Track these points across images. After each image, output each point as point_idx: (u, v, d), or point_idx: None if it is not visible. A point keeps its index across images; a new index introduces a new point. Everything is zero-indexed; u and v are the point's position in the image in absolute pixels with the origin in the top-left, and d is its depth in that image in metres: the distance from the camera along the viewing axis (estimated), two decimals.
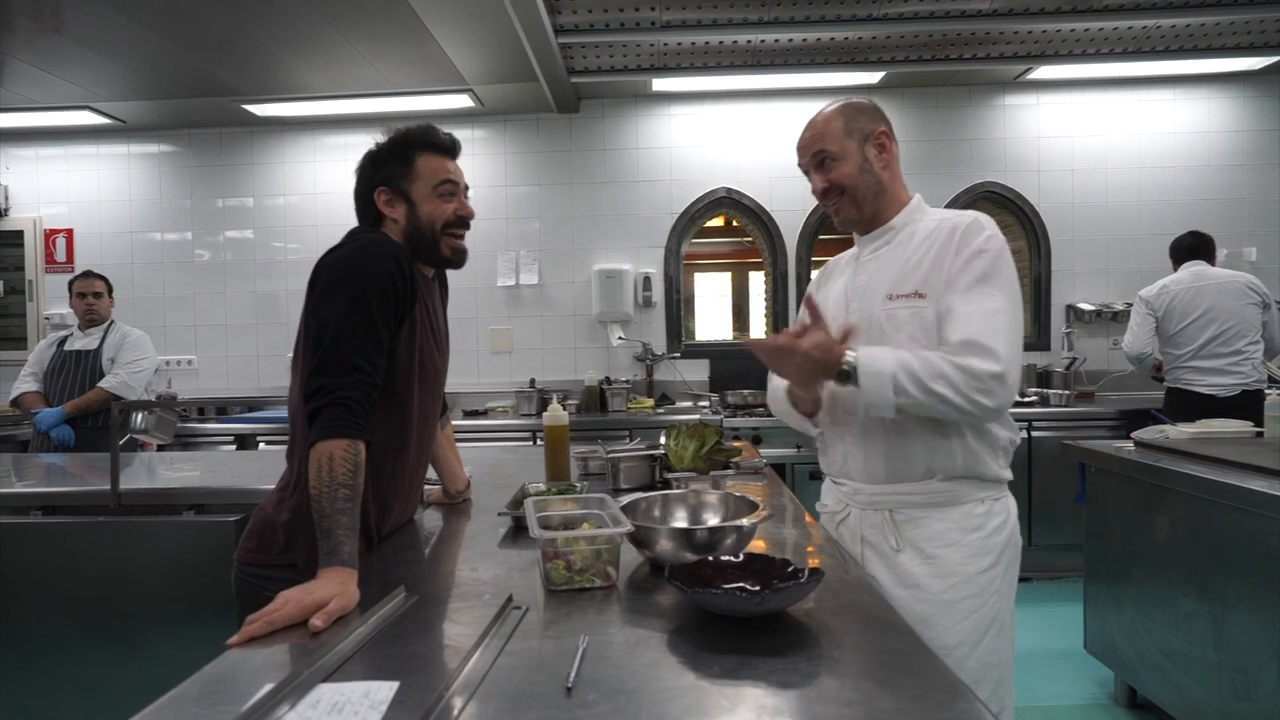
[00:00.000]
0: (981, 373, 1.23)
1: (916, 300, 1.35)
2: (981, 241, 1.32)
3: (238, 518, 2.01)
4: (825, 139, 1.43)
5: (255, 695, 0.77)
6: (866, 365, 1.27)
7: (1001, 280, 1.30)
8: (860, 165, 1.42)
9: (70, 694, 2.04)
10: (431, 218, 1.40)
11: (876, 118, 1.45)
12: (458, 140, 1.47)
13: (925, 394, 1.25)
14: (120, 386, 3.37)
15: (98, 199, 4.66)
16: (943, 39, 3.71)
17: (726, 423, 3.82)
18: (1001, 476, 1.39)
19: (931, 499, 1.37)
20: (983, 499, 1.37)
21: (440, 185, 1.41)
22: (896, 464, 1.39)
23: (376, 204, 1.41)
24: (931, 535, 1.36)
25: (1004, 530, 1.38)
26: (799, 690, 0.81)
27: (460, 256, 1.46)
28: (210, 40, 3.34)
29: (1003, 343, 1.25)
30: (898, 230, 1.45)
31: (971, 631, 1.32)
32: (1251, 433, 2.55)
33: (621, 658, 0.89)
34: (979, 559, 1.35)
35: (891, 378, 1.25)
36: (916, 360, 1.26)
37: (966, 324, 1.27)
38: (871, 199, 1.44)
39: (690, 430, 1.89)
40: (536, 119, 4.51)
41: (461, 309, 4.52)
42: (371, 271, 1.28)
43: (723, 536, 1.19)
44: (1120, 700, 2.57)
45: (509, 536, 1.47)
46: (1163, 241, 4.39)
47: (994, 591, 1.35)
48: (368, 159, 1.43)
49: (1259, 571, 1.90)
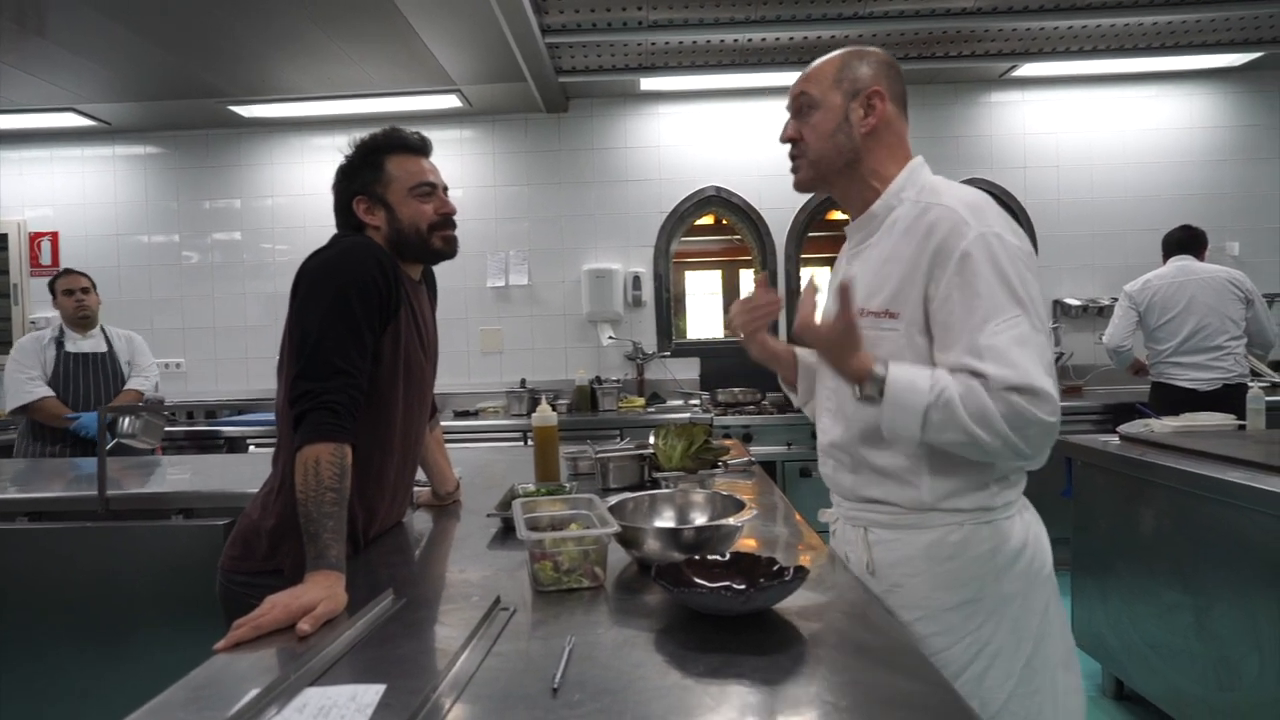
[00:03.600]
0: (1038, 421, 1.02)
1: (888, 320, 1.15)
2: (971, 245, 1.08)
3: (226, 521, 2.00)
4: (811, 80, 1.23)
5: (241, 700, 0.78)
6: (900, 391, 1.08)
7: (1015, 294, 1.07)
8: (837, 125, 1.19)
9: (59, 699, 2.04)
10: (414, 219, 1.40)
11: (879, 72, 1.20)
12: (427, 139, 1.47)
13: (962, 435, 1.05)
14: (151, 388, 3.42)
15: (83, 201, 4.63)
16: (928, 37, 3.73)
17: (717, 421, 3.83)
18: (985, 505, 1.15)
19: (901, 520, 1.19)
20: (960, 524, 1.15)
21: (417, 188, 1.41)
22: (862, 486, 1.23)
23: (357, 214, 1.41)
24: (899, 560, 1.18)
25: (990, 561, 1.14)
26: (783, 688, 0.82)
27: (453, 246, 1.46)
28: (195, 42, 3.32)
29: (1048, 379, 1.04)
30: (880, 219, 1.22)
31: (946, 667, 1.10)
32: (1234, 426, 2.58)
33: (608, 658, 0.90)
34: (947, 593, 1.14)
35: (924, 411, 1.06)
36: (961, 394, 1.04)
37: (1000, 360, 1.03)
38: (839, 168, 1.22)
39: (678, 429, 1.89)
40: (525, 119, 4.51)
41: (451, 309, 4.51)
42: (353, 275, 1.28)
43: (709, 536, 1.20)
44: (1108, 692, 2.60)
45: (498, 538, 1.48)
46: (1147, 237, 4.43)
47: (970, 632, 1.12)
48: (340, 172, 1.43)
49: (1240, 563, 1.92)
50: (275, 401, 1.38)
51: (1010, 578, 1.15)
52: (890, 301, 1.15)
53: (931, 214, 1.13)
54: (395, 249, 1.41)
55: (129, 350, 3.45)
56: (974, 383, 1.04)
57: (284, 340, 1.33)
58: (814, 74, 1.23)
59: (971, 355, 1.06)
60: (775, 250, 4.50)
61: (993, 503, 1.16)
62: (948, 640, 1.14)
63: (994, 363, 1.04)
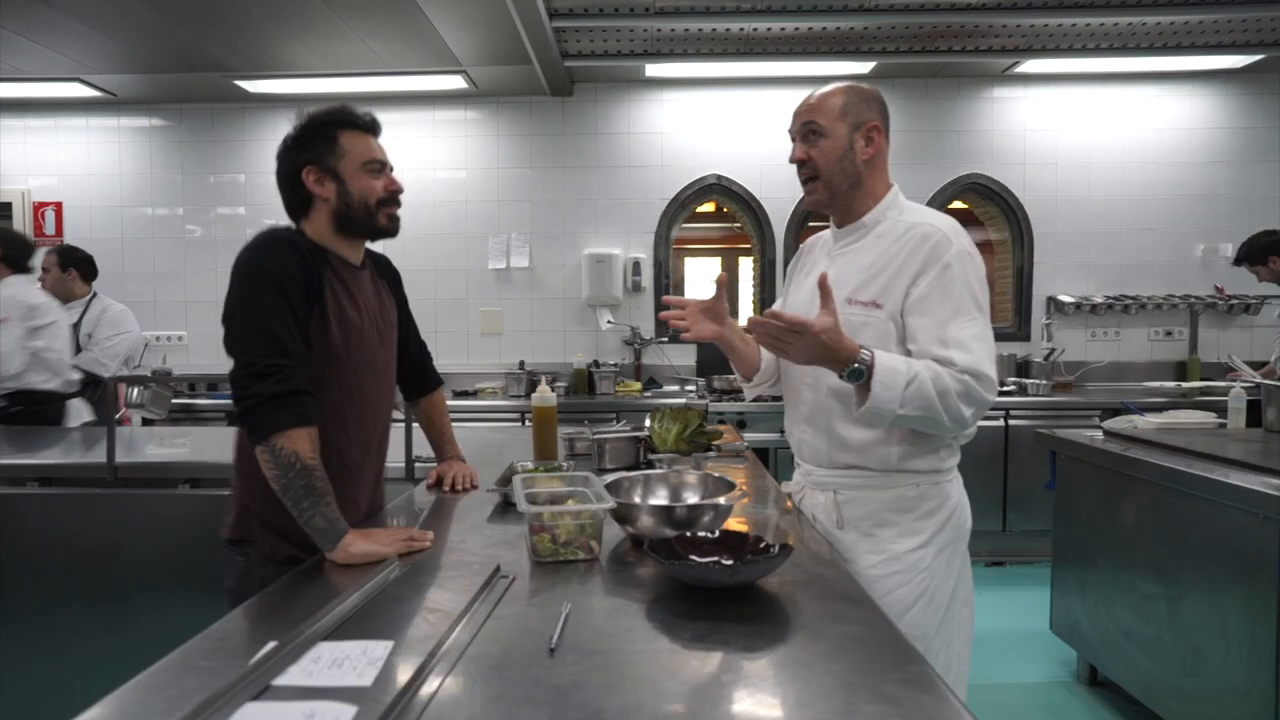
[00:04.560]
0: (982, 399, 1.30)
1: (873, 310, 1.39)
2: (953, 257, 1.34)
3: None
4: (819, 111, 1.44)
5: (261, 651, 0.84)
6: (884, 373, 1.27)
7: (979, 300, 1.35)
8: (843, 151, 1.43)
9: (67, 662, 2.10)
10: (363, 194, 1.43)
11: (875, 110, 1.45)
12: (377, 119, 1.50)
13: (925, 410, 1.28)
14: (92, 364, 3.34)
15: (88, 172, 4.64)
16: (933, 30, 3.75)
17: (712, 407, 3.89)
18: (936, 467, 1.44)
19: (870, 481, 1.44)
20: (918, 483, 1.43)
21: (368, 163, 1.44)
22: (836, 456, 1.46)
23: (305, 184, 1.42)
24: (868, 514, 1.44)
25: (938, 514, 1.44)
26: (763, 653, 0.88)
27: (395, 224, 1.49)
28: (203, 15, 3.33)
29: (994, 369, 1.32)
30: (869, 228, 1.47)
31: (896, 604, 1.36)
32: (1215, 424, 2.65)
33: (602, 623, 0.96)
34: (908, 538, 1.42)
35: (903, 388, 1.27)
36: (931, 376, 1.28)
37: (964, 349, 1.30)
38: (846, 189, 1.45)
39: (674, 413, 1.95)
40: (529, 102, 4.52)
41: (452, 290, 4.56)
42: (265, 264, 1.33)
43: (700, 514, 1.26)
44: (1082, 678, 2.68)
45: (497, 512, 1.53)
46: (1142, 236, 4.49)
47: (923, 569, 1.41)
48: (289, 142, 1.44)
49: (1211, 556, 1.99)
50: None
51: (948, 528, 1.45)
52: (878, 295, 1.40)
53: (922, 230, 1.39)
54: (341, 223, 1.44)
55: (95, 323, 3.44)
56: (939, 367, 1.30)
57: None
58: (821, 106, 1.44)
59: (940, 344, 1.32)
60: (775, 239, 4.54)
61: (941, 465, 1.45)
62: (903, 579, 1.41)
63: (958, 350, 1.30)
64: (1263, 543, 1.82)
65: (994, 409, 3.85)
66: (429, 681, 0.80)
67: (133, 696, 0.78)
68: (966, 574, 1.50)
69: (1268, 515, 1.79)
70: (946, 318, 1.32)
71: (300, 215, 1.46)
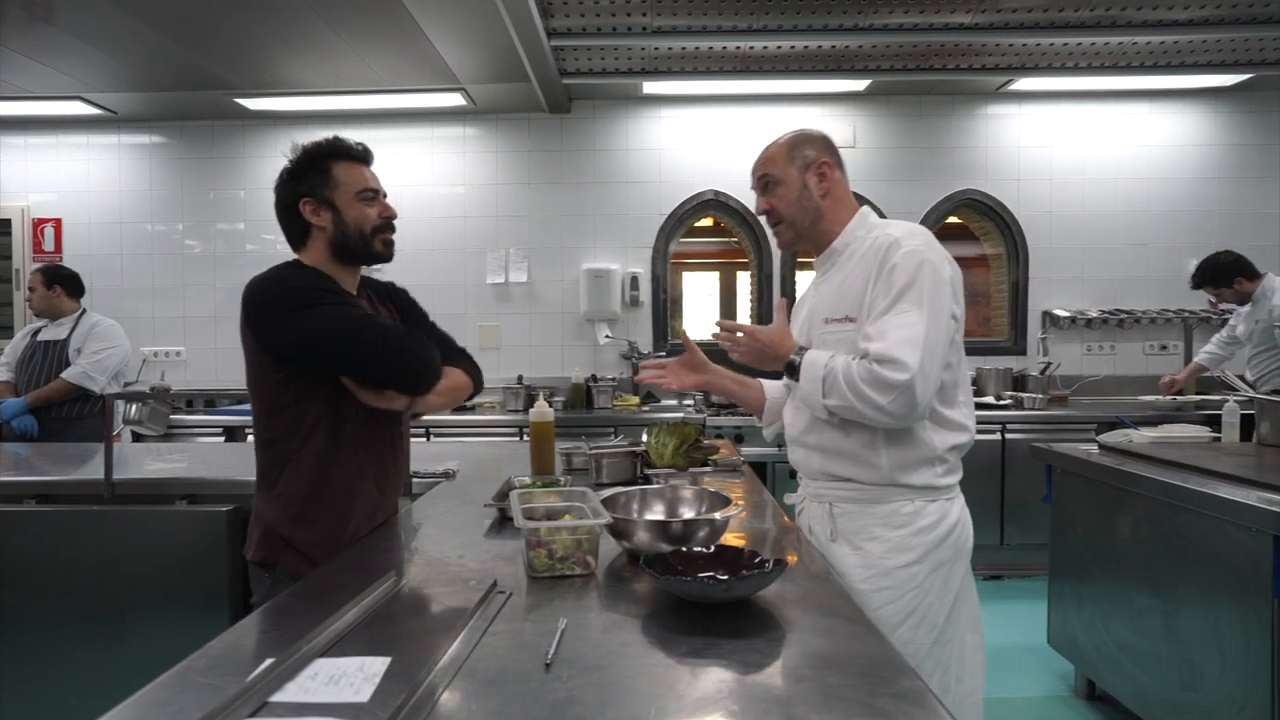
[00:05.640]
0: (891, 382, 1.31)
1: (847, 325, 1.45)
2: (899, 258, 1.38)
3: (230, 508, 2.06)
4: (769, 164, 1.54)
5: (258, 668, 0.84)
6: (807, 366, 1.43)
7: (914, 293, 1.35)
8: (800, 193, 1.51)
9: (64, 679, 2.08)
10: (359, 222, 1.50)
11: (822, 148, 1.53)
12: (369, 149, 1.57)
13: (842, 399, 1.36)
14: (81, 377, 3.36)
15: (87, 189, 4.67)
16: (927, 49, 3.79)
17: (710, 421, 3.90)
18: (932, 484, 1.43)
19: (864, 495, 1.46)
20: (911, 499, 1.43)
21: (362, 192, 1.50)
22: (830, 466, 1.49)
23: (303, 215, 1.48)
24: (859, 528, 1.45)
25: (932, 531, 1.43)
26: (758, 668, 0.88)
27: (390, 249, 1.56)
28: (203, 34, 3.37)
29: (911, 353, 1.31)
30: (839, 253, 1.54)
31: (885, 620, 1.36)
32: (1209, 438, 2.66)
33: (598, 638, 0.97)
34: (899, 554, 1.42)
35: (821, 380, 1.39)
36: (842, 366, 1.37)
37: (880, 338, 1.35)
38: (809, 226, 1.53)
39: (670, 428, 1.96)
40: (528, 119, 4.57)
41: (450, 305, 4.58)
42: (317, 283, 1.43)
43: (696, 529, 1.27)
44: (1079, 692, 2.68)
45: (494, 527, 1.54)
46: (1136, 251, 4.53)
47: (913, 586, 1.41)
48: (285, 175, 1.51)
49: (1207, 569, 2.00)
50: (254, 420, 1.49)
51: (945, 547, 1.44)
52: (849, 310, 1.46)
53: (877, 243, 1.45)
54: (338, 250, 1.50)
55: (83, 338, 3.47)
56: (850, 359, 1.38)
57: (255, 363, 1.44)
58: (770, 158, 1.54)
59: (865, 339, 1.38)
60: (771, 254, 4.57)
61: (938, 483, 1.44)
62: (893, 594, 1.40)
63: (874, 341, 1.36)
64: (1256, 556, 1.82)
65: (990, 422, 3.88)
66: (425, 698, 0.80)
67: (131, 714, 0.78)
68: (970, 596, 1.48)
69: (1260, 529, 1.80)
70: (879, 313, 1.38)
71: (299, 245, 1.52)
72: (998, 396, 4.25)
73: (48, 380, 3.38)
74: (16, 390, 3.42)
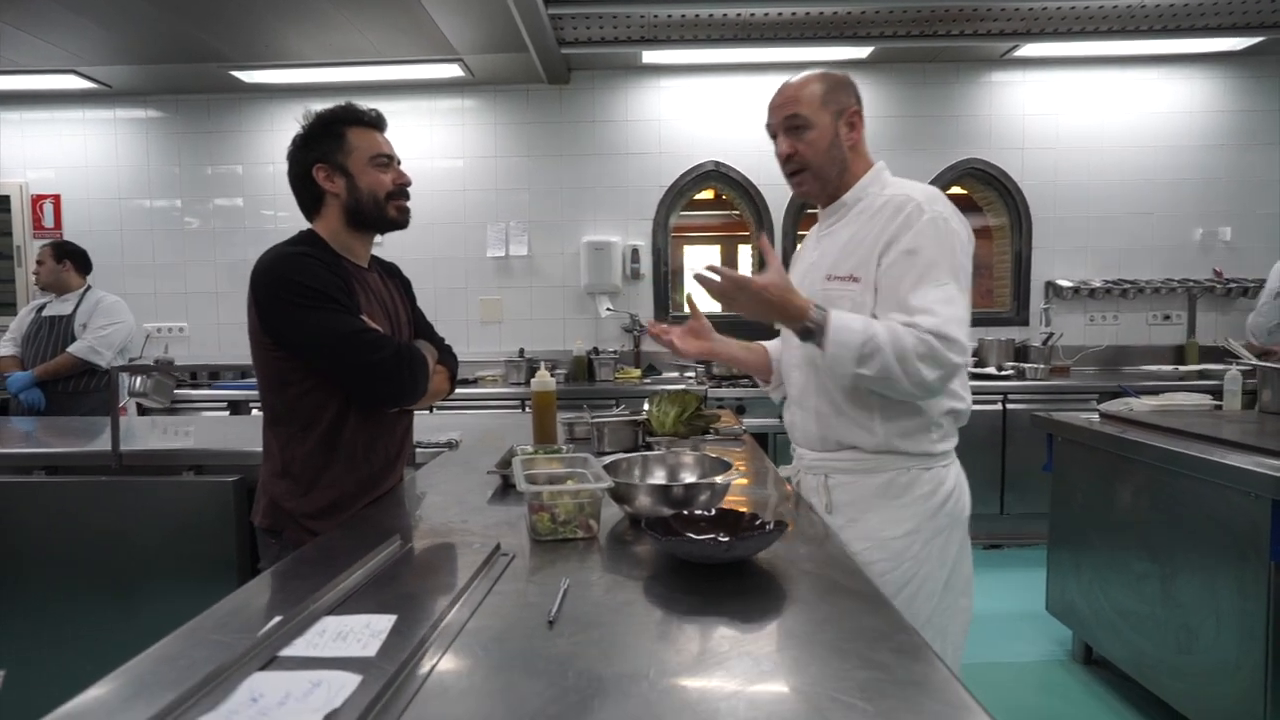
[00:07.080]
0: (948, 362, 1.27)
1: (851, 284, 1.39)
2: (925, 224, 1.32)
3: (236, 478, 2.08)
4: (800, 103, 1.43)
5: (267, 625, 0.86)
6: (836, 330, 1.29)
7: (949, 265, 1.31)
8: (830, 141, 1.43)
9: (76, 647, 2.13)
10: (372, 188, 1.49)
11: (853, 94, 1.46)
12: (383, 115, 1.55)
13: (883, 369, 1.27)
14: (88, 352, 3.41)
15: (85, 164, 4.64)
16: (930, 14, 3.73)
17: (712, 393, 3.91)
18: (928, 450, 1.41)
19: (859, 465, 1.43)
20: (908, 468, 1.41)
21: (376, 158, 1.49)
22: (826, 435, 1.47)
23: (316, 181, 1.48)
24: (855, 499, 1.43)
25: (929, 500, 1.40)
26: (758, 624, 0.90)
27: (405, 216, 1.55)
28: (196, 3, 3.32)
29: (964, 333, 1.29)
30: (849, 207, 1.48)
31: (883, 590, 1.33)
32: (1210, 406, 2.66)
33: (600, 598, 0.98)
34: (896, 524, 1.39)
35: (859, 347, 1.28)
36: (889, 337, 1.26)
37: (929, 312, 1.28)
38: (835, 176, 1.46)
39: (672, 396, 1.97)
40: (527, 90, 4.51)
41: (451, 279, 4.57)
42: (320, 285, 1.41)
43: (697, 493, 1.28)
44: (1077, 657, 2.71)
45: (498, 494, 1.55)
46: (1140, 220, 4.49)
47: (911, 556, 1.39)
48: (298, 141, 1.50)
49: (1204, 534, 2.02)
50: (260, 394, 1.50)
51: (942, 515, 1.42)
52: (855, 268, 1.40)
53: (894, 201, 1.38)
54: (352, 217, 1.49)
55: (89, 314, 3.50)
56: (900, 328, 1.28)
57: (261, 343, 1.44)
58: (797, 96, 1.43)
59: (903, 310, 1.31)
60: (773, 226, 4.54)
61: (934, 449, 1.42)
62: (889, 565, 1.39)
63: (922, 314, 1.28)
64: (1256, 520, 1.84)
65: (992, 393, 3.88)
66: (431, 652, 0.82)
67: (145, 667, 0.80)
68: (965, 561, 1.47)
69: (1260, 494, 1.81)
70: (913, 283, 1.31)
71: (313, 212, 1.52)
72: (999, 367, 4.25)
73: (54, 355, 3.41)
74: (23, 364, 3.45)
